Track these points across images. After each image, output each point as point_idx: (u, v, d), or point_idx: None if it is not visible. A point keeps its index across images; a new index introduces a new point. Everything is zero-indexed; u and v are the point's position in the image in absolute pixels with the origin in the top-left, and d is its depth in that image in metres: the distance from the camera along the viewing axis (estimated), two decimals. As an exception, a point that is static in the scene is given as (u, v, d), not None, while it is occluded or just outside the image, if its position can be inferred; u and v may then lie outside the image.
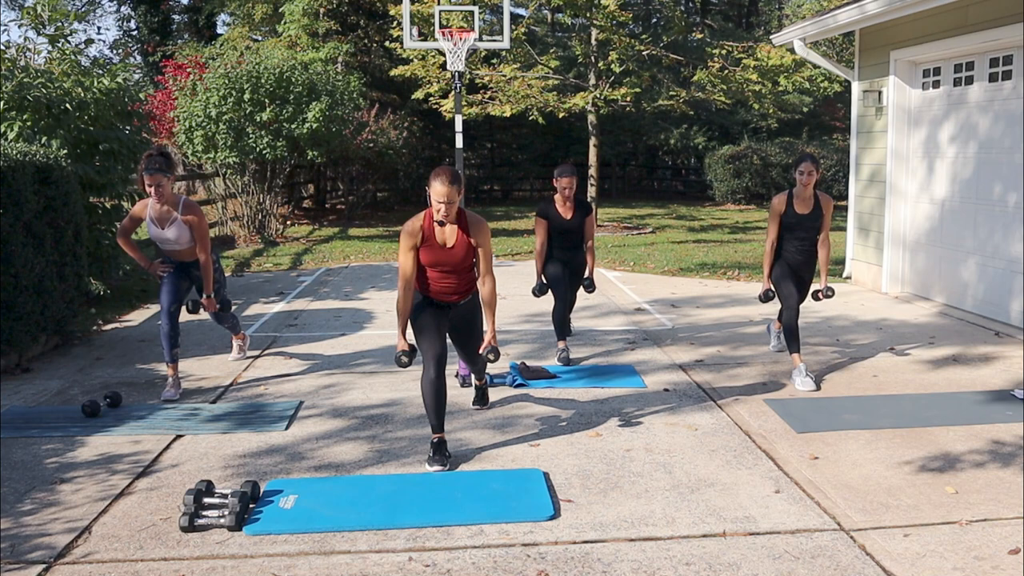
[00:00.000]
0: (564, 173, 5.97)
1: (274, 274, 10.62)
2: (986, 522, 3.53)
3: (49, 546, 3.38)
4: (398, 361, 4.23)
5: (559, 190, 5.98)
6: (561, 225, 6.03)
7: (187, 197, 5.46)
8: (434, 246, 4.26)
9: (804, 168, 5.55)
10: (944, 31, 7.67)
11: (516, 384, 5.52)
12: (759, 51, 14.64)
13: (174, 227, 5.37)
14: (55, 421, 4.89)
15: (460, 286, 4.38)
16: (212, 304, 5.58)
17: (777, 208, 5.70)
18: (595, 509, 3.69)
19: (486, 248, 4.33)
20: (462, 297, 4.43)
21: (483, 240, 4.30)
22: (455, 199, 4.11)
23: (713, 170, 21.77)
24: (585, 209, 6.09)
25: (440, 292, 4.37)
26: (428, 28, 13.99)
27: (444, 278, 4.33)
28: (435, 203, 4.10)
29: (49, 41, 8.39)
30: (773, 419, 4.83)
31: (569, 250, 6.11)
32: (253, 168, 14.16)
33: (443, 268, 4.30)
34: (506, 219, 18.26)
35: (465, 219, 4.29)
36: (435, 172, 4.12)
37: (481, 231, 4.29)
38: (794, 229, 5.69)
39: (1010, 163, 7.13)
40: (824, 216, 5.66)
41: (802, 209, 5.65)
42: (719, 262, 11.17)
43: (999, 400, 5.13)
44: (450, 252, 4.27)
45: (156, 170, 5.15)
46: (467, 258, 4.30)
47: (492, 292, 4.34)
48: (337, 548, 3.36)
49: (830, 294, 5.78)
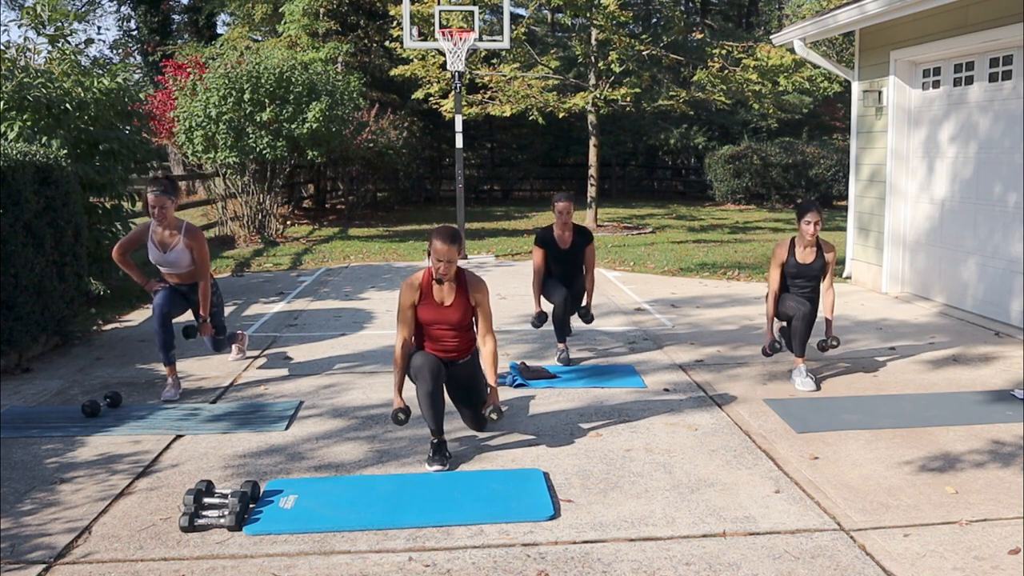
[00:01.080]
0: (559, 199, 5.96)
1: (274, 274, 10.62)
2: (986, 522, 3.53)
3: (49, 546, 3.38)
4: (395, 419, 4.23)
5: (556, 215, 5.97)
6: (559, 253, 6.01)
7: (189, 222, 5.49)
8: (432, 304, 4.27)
9: (810, 218, 5.40)
10: (944, 31, 7.67)
11: (516, 384, 5.52)
12: (759, 51, 14.64)
13: (176, 252, 5.40)
14: (55, 421, 4.89)
15: (459, 345, 4.37)
16: (208, 328, 5.57)
17: (779, 257, 5.57)
18: (595, 509, 3.69)
19: (485, 308, 4.34)
20: (461, 356, 4.41)
21: (482, 299, 4.32)
22: (455, 258, 4.16)
23: (713, 170, 21.77)
24: (585, 237, 6.06)
25: (439, 351, 4.36)
26: (428, 28, 14.00)
27: (443, 336, 4.33)
28: (434, 261, 4.15)
29: (49, 41, 8.39)
30: (773, 419, 4.83)
31: (568, 278, 6.08)
32: (253, 168, 14.16)
33: (441, 327, 4.31)
34: (506, 219, 18.26)
35: (464, 279, 4.31)
36: (436, 231, 4.17)
37: (480, 290, 4.31)
38: (796, 277, 5.58)
39: (1010, 163, 7.13)
40: (828, 264, 5.54)
41: (804, 258, 5.54)
42: (719, 262, 11.17)
43: (999, 400, 5.13)
44: (448, 311, 4.28)
45: (161, 192, 5.21)
46: (465, 317, 4.31)
47: (493, 351, 4.34)
48: (337, 548, 3.36)
49: (835, 344, 5.59)
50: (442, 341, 4.35)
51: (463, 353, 4.42)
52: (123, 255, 5.52)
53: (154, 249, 5.42)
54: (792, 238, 5.61)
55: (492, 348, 4.35)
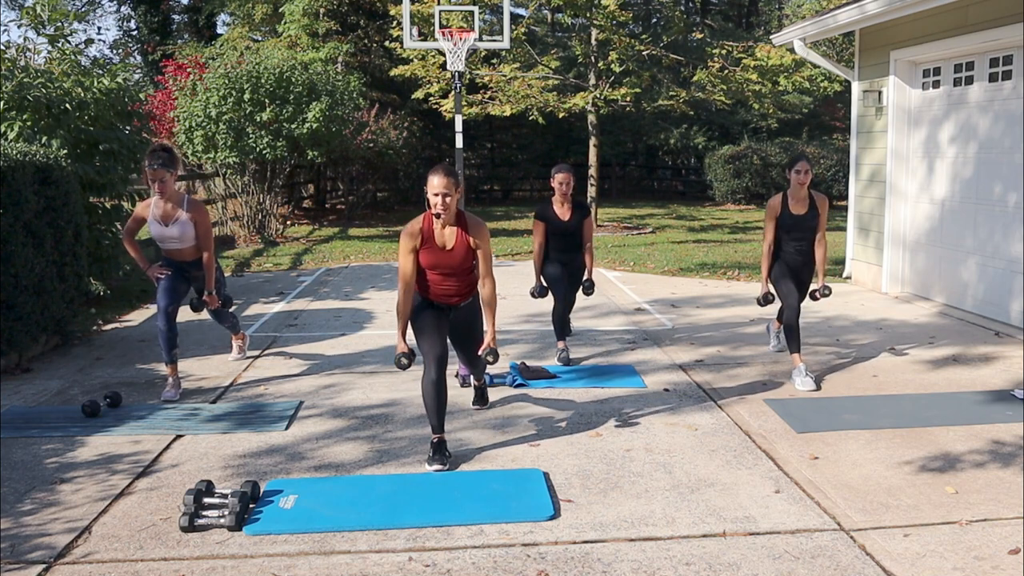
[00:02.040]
0: (560, 170, 5.96)
1: (274, 274, 10.62)
2: (986, 522, 3.53)
3: (49, 546, 3.38)
4: (397, 363, 4.23)
5: (555, 187, 5.96)
6: (559, 226, 6.01)
7: (190, 195, 5.46)
8: (434, 248, 4.26)
9: (800, 167, 5.54)
10: (944, 31, 7.67)
11: (516, 384, 5.52)
12: (759, 51, 14.64)
13: (178, 225, 5.35)
14: (55, 421, 4.89)
15: (460, 288, 4.39)
16: (214, 300, 5.59)
17: (773, 209, 5.69)
18: (595, 509, 3.69)
19: (486, 250, 4.33)
20: (462, 299, 4.44)
21: (483, 242, 4.31)
22: (452, 191, 4.12)
23: (713, 170, 21.77)
24: (583, 211, 6.07)
25: (440, 294, 4.37)
26: (428, 28, 14.00)
27: (444, 280, 4.34)
28: (431, 197, 4.12)
29: (49, 41, 8.39)
30: (773, 419, 4.83)
31: (568, 252, 6.09)
32: (253, 168, 14.16)
33: (443, 270, 4.30)
34: (506, 219, 18.26)
35: (465, 221, 4.29)
36: (431, 169, 4.17)
37: (481, 233, 4.30)
38: (791, 230, 5.68)
39: (1010, 163, 7.13)
40: (820, 216, 5.66)
41: (798, 210, 5.65)
42: (719, 262, 11.17)
43: (999, 400, 5.13)
44: (450, 254, 4.27)
45: (160, 165, 5.14)
46: (467, 260, 4.31)
47: (492, 294, 4.34)
48: (337, 548, 3.36)
49: (827, 293, 5.77)
50: (443, 284, 4.35)
51: (464, 296, 4.43)
52: (131, 239, 5.52)
53: (156, 224, 5.37)
54: (784, 191, 5.70)
55: (491, 290, 4.33)
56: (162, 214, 5.35)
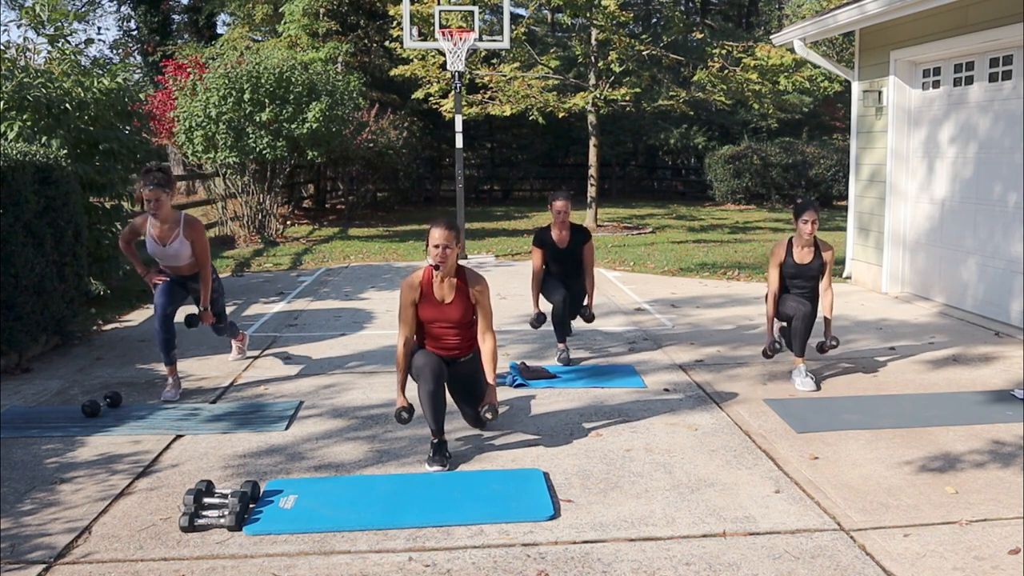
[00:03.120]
0: (557, 197, 5.94)
1: (274, 274, 10.62)
2: (986, 522, 3.53)
3: (49, 546, 3.38)
4: (398, 417, 4.24)
5: (553, 215, 5.96)
6: (557, 252, 6.00)
7: (186, 214, 5.43)
8: (432, 302, 4.28)
9: (808, 217, 5.39)
10: (944, 31, 7.67)
11: (516, 384, 5.52)
12: (759, 51, 14.64)
13: (175, 244, 5.35)
14: (55, 421, 4.89)
15: (460, 343, 4.38)
16: (209, 317, 5.55)
17: (777, 257, 5.56)
18: (595, 509, 3.69)
19: (485, 305, 4.34)
20: (463, 353, 4.42)
21: (482, 296, 4.32)
22: (452, 244, 4.16)
23: (713, 170, 21.77)
24: (583, 236, 6.03)
25: (440, 349, 4.37)
26: (428, 28, 14.00)
27: (443, 334, 4.34)
28: (431, 248, 4.16)
29: (49, 41, 8.39)
30: (773, 419, 4.83)
31: (567, 278, 6.06)
32: (253, 168, 14.16)
33: (442, 324, 4.32)
34: (506, 219, 18.26)
35: (464, 275, 4.32)
36: (433, 221, 4.21)
37: (480, 287, 4.32)
38: (794, 278, 5.57)
39: (1010, 163, 7.13)
40: (826, 264, 5.53)
41: (803, 258, 5.52)
42: (719, 262, 11.17)
43: (999, 400, 5.13)
44: (448, 308, 4.29)
45: (156, 185, 5.13)
46: (466, 315, 4.32)
47: (492, 349, 4.34)
48: (337, 548, 3.36)
49: (835, 345, 5.59)
50: (443, 339, 4.36)
51: (464, 351, 4.43)
52: (128, 243, 5.53)
53: (152, 243, 5.37)
54: (790, 238, 5.60)
55: (491, 346, 4.35)
56: (158, 234, 5.34)
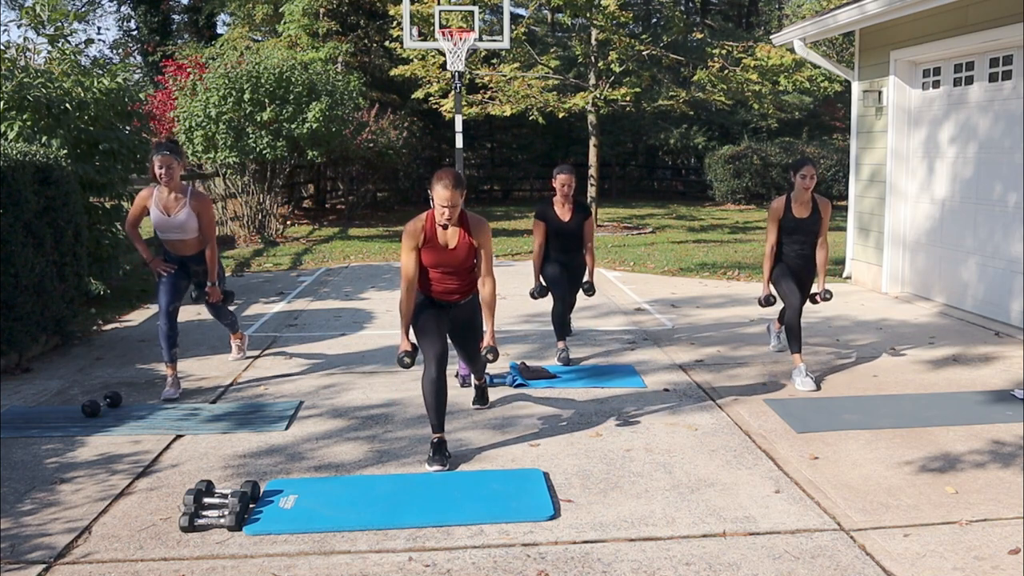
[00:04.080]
0: (562, 171, 5.97)
1: (274, 274, 10.62)
2: (986, 522, 3.53)
3: (49, 546, 3.38)
4: (401, 362, 4.23)
5: (557, 189, 5.96)
6: (560, 227, 6.01)
7: (194, 187, 5.46)
8: (436, 247, 4.28)
9: (806, 172, 5.51)
10: (944, 31, 7.67)
11: (516, 384, 5.52)
12: (759, 51, 14.64)
13: (182, 214, 5.34)
14: (55, 421, 4.89)
15: (461, 286, 4.41)
16: (216, 293, 5.59)
17: (776, 212, 5.67)
18: (595, 509, 3.69)
19: (487, 249, 4.35)
20: (463, 297, 4.46)
21: (484, 241, 4.32)
22: (458, 203, 4.14)
23: (713, 170, 21.77)
24: (584, 211, 6.08)
25: (441, 292, 4.40)
26: (428, 28, 13.99)
27: (446, 278, 4.36)
28: (438, 207, 4.13)
29: (49, 41, 8.38)
30: (773, 419, 4.83)
31: (568, 252, 6.09)
32: (253, 168, 14.16)
33: (445, 269, 4.32)
34: (506, 219, 18.26)
35: (467, 220, 4.30)
36: (437, 175, 4.13)
37: (482, 232, 4.32)
38: (793, 233, 5.67)
39: (1010, 163, 7.13)
40: (823, 219, 5.65)
41: (801, 213, 5.63)
42: (719, 262, 11.17)
43: (999, 400, 5.13)
44: (452, 253, 4.29)
45: (166, 150, 5.21)
46: (468, 259, 4.33)
47: (492, 293, 4.36)
48: (337, 548, 3.36)
49: (828, 297, 5.75)
50: (445, 282, 4.37)
51: (465, 294, 4.46)
52: (134, 226, 5.52)
53: (158, 214, 5.36)
54: (788, 194, 5.68)
55: (491, 290, 4.36)
56: (165, 204, 5.35)
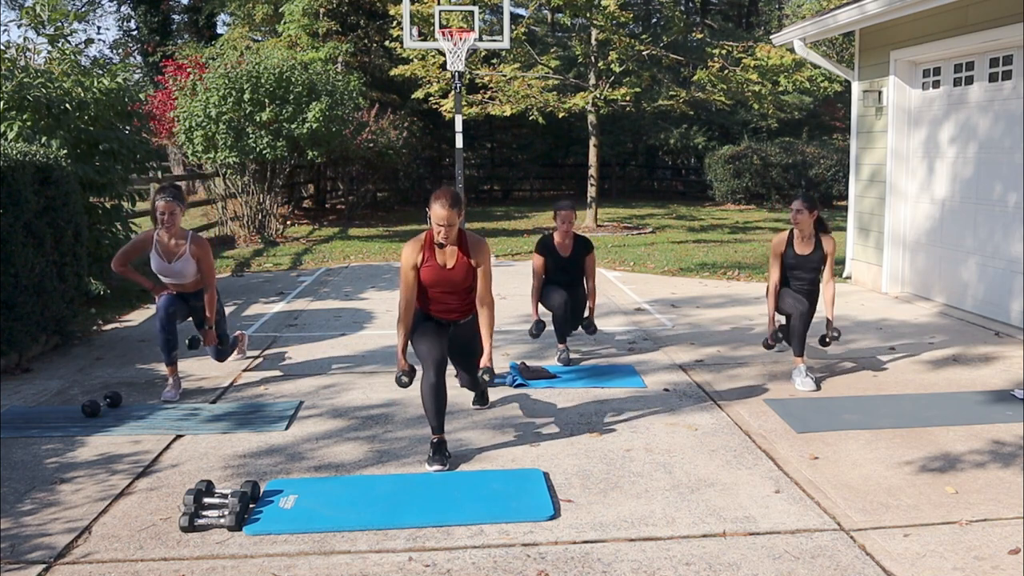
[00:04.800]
0: (562, 207, 5.97)
1: (274, 274, 10.62)
2: (986, 522, 3.53)
3: (49, 546, 3.38)
4: (399, 381, 4.26)
5: (558, 225, 5.97)
6: (559, 261, 6.01)
7: (194, 232, 5.47)
8: (434, 266, 4.30)
9: (795, 206, 5.46)
10: (944, 31, 7.67)
11: (516, 384, 5.52)
12: (759, 51, 14.64)
13: (181, 261, 5.36)
14: (55, 421, 4.89)
15: (460, 305, 4.43)
16: (212, 337, 5.52)
17: (777, 248, 5.57)
18: (595, 509, 3.69)
19: (486, 269, 4.37)
20: (462, 316, 4.47)
21: (483, 261, 4.35)
22: (455, 222, 4.16)
23: (713, 170, 21.77)
24: (586, 246, 6.05)
25: (441, 311, 4.42)
26: (428, 28, 14.00)
27: (444, 298, 4.38)
28: (435, 226, 4.16)
29: (49, 41, 8.39)
30: (773, 419, 4.83)
31: (569, 287, 6.07)
32: (253, 168, 14.16)
33: (443, 288, 4.34)
34: (506, 219, 18.26)
35: (466, 240, 4.33)
36: (435, 195, 4.16)
37: (481, 252, 4.34)
38: (795, 269, 5.58)
39: (1010, 163, 7.13)
40: (827, 256, 5.54)
41: (803, 249, 5.54)
42: (719, 262, 11.17)
43: (999, 400, 5.13)
44: (450, 273, 4.31)
45: (172, 198, 5.21)
46: (467, 279, 4.35)
47: (490, 314, 4.38)
48: (337, 548, 3.36)
49: (836, 337, 5.61)
50: (444, 301, 4.39)
51: (464, 314, 4.47)
52: (124, 265, 5.48)
53: (158, 259, 5.36)
54: (791, 230, 5.61)
55: (489, 310, 4.37)
56: (164, 249, 5.35)
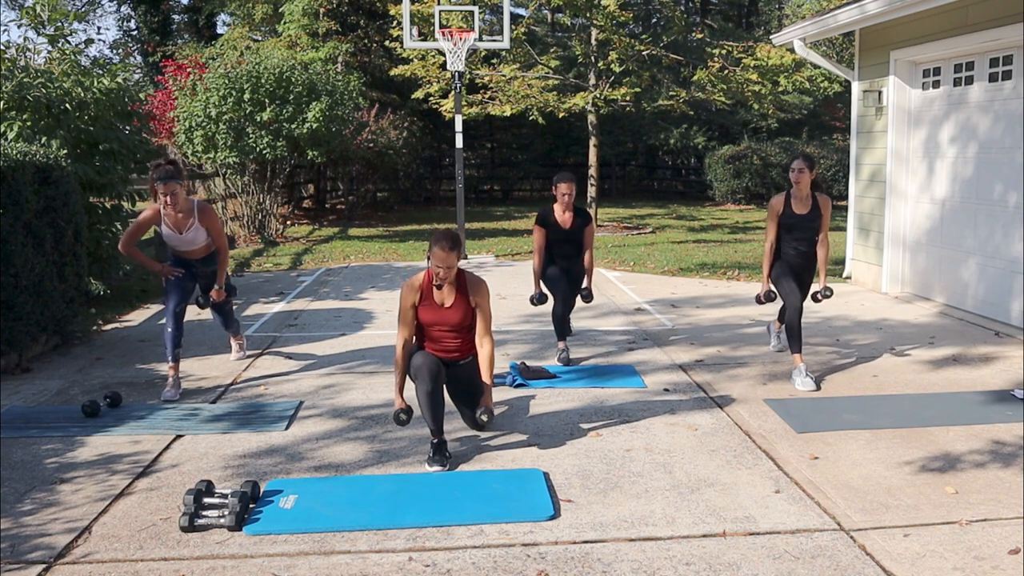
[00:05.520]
0: (562, 179, 5.97)
1: (274, 274, 10.62)
2: (986, 522, 3.53)
3: (49, 546, 3.38)
4: (397, 419, 4.26)
5: (558, 197, 5.98)
6: (560, 233, 6.02)
7: (199, 200, 5.55)
8: (432, 306, 4.32)
9: (795, 165, 5.55)
10: (944, 31, 7.67)
11: (516, 384, 5.52)
12: (759, 51, 14.64)
13: (192, 231, 5.47)
14: (55, 421, 4.89)
15: (459, 346, 4.43)
16: (220, 294, 5.67)
17: (775, 208, 5.69)
18: (595, 509, 3.69)
19: (484, 309, 4.38)
20: (461, 356, 4.47)
21: (482, 301, 4.36)
22: (454, 264, 4.20)
23: (713, 170, 21.77)
24: (584, 218, 6.08)
25: (440, 351, 4.41)
26: (428, 28, 14.00)
27: (443, 337, 4.39)
28: (434, 266, 4.19)
29: (49, 41, 8.39)
30: (773, 419, 4.83)
31: (568, 258, 6.10)
32: (253, 168, 14.16)
33: (442, 327, 4.36)
34: (506, 219, 18.26)
35: (464, 280, 4.35)
36: (436, 237, 4.20)
37: (480, 292, 4.35)
38: (792, 230, 5.68)
39: (1010, 163, 7.13)
40: (823, 216, 5.65)
41: (800, 209, 5.64)
42: (719, 262, 11.17)
43: (999, 400, 5.13)
44: (448, 312, 4.32)
45: (170, 178, 5.23)
46: (465, 319, 4.36)
47: (490, 354, 4.38)
48: (337, 548, 3.36)
49: (828, 294, 5.76)
50: (442, 342, 4.39)
51: (463, 354, 4.46)
52: (130, 246, 5.54)
53: (169, 232, 5.47)
54: (788, 190, 5.69)
55: (489, 350, 4.38)
56: (174, 223, 5.45)
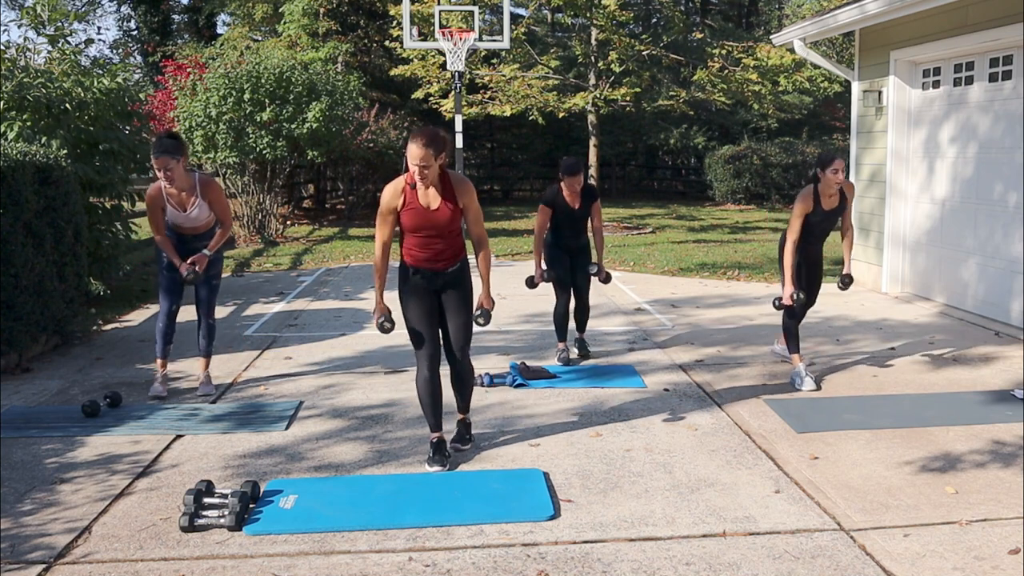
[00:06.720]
0: (570, 170, 5.84)
1: (274, 274, 10.62)
2: (986, 522, 3.52)
3: (49, 546, 3.38)
4: (381, 328, 4.14)
5: (566, 186, 5.89)
6: (569, 214, 5.99)
7: (200, 174, 5.30)
8: (417, 209, 4.07)
9: (837, 166, 5.38)
10: (944, 31, 7.67)
11: (516, 384, 5.52)
12: (759, 51, 14.65)
13: (196, 208, 5.25)
14: (55, 421, 4.89)
15: (447, 251, 4.17)
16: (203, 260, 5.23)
17: (804, 207, 5.48)
18: (595, 509, 3.69)
19: (473, 208, 4.14)
20: (449, 264, 4.21)
21: (469, 201, 4.12)
22: (431, 162, 3.89)
23: (713, 170, 21.77)
24: (592, 195, 6.06)
25: (426, 259, 4.17)
26: (428, 28, 14.01)
27: (430, 243, 4.13)
28: (410, 166, 3.94)
29: (49, 41, 8.39)
30: (773, 419, 4.83)
31: (576, 236, 6.09)
32: (253, 168, 14.16)
33: (428, 232, 4.10)
34: (506, 219, 18.25)
35: (449, 180, 4.10)
36: (412, 134, 3.95)
37: (466, 192, 4.11)
38: (816, 226, 5.59)
39: (1010, 163, 7.13)
40: (848, 200, 5.62)
41: (829, 204, 5.55)
42: (719, 262, 11.17)
43: (999, 400, 5.13)
44: (434, 215, 4.08)
45: (163, 152, 4.99)
46: (453, 221, 4.12)
47: (486, 253, 4.21)
48: (337, 548, 3.36)
49: (848, 281, 5.76)
50: (430, 247, 4.14)
51: (451, 261, 4.20)
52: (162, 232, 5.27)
53: (173, 211, 5.24)
54: (815, 188, 5.51)
55: (484, 249, 4.22)
56: (177, 200, 5.24)
